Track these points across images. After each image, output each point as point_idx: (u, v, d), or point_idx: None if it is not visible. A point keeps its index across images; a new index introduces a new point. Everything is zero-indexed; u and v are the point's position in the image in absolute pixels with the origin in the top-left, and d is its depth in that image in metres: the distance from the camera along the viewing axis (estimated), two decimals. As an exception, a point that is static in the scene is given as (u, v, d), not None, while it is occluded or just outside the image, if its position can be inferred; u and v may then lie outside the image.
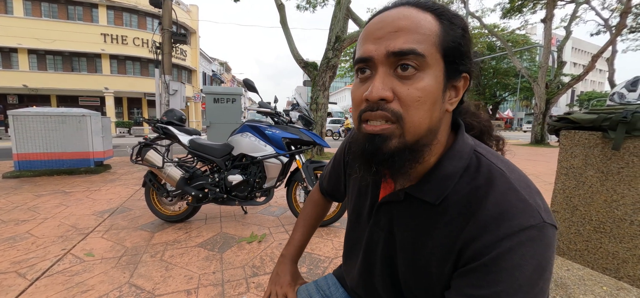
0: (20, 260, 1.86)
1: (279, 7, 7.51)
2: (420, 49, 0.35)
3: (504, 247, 0.33)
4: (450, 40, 0.37)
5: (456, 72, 0.39)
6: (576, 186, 1.13)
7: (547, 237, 0.33)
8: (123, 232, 2.32)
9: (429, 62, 0.36)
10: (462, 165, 0.40)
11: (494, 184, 0.37)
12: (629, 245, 0.99)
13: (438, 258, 0.40)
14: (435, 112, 0.38)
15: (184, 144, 2.34)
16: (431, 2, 0.39)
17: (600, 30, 13.34)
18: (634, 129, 0.97)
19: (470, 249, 0.35)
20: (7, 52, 18.46)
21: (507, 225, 0.33)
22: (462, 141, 0.42)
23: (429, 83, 0.36)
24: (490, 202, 0.36)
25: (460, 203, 0.38)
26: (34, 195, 3.41)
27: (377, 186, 0.51)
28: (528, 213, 0.34)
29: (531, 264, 0.32)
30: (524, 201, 0.35)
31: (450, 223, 0.38)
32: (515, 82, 28.65)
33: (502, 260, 0.33)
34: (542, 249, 0.33)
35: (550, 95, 11.43)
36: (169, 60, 5.71)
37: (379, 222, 0.49)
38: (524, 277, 0.32)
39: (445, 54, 0.37)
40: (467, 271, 0.35)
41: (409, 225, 0.44)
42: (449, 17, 0.38)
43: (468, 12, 12.26)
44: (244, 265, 1.81)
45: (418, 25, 0.36)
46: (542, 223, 0.34)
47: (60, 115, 4.49)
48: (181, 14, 21.84)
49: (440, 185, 0.40)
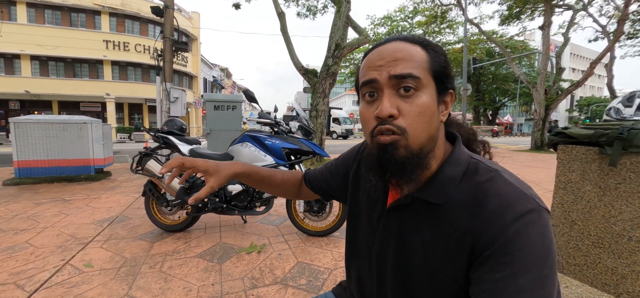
0: (18, 271, 1.86)
1: (280, 16, 7.58)
2: (416, 72, 0.43)
3: (512, 230, 0.37)
4: (437, 64, 0.46)
5: (444, 89, 0.47)
6: (574, 201, 1.13)
7: (545, 219, 0.39)
8: (122, 242, 2.32)
9: (424, 83, 0.44)
10: (461, 170, 0.46)
11: (493, 182, 0.42)
12: (627, 260, 0.99)
13: (449, 254, 0.43)
14: (433, 123, 0.45)
15: (184, 154, 2.35)
16: (417, 37, 0.47)
17: (598, 36, 13.43)
18: (631, 145, 0.98)
19: (482, 240, 0.39)
20: (10, 58, 18.61)
21: (510, 212, 0.38)
22: (459, 150, 0.48)
23: (426, 100, 0.44)
24: (491, 197, 0.41)
25: (464, 201, 0.43)
26: (34, 203, 3.41)
27: (386, 194, 0.54)
28: (526, 200, 0.39)
29: (538, 242, 0.37)
30: (521, 192, 0.40)
31: (456, 220, 0.43)
32: (515, 87, 28.77)
33: (513, 243, 0.37)
34: (543, 228, 0.38)
35: (550, 101, 11.46)
36: (170, 68, 5.75)
37: (389, 227, 0.52)
38: (534, 254, 0.36)
39: (435, 75, 0.45)
40: (483, 260, 0.39)
41: (418, 227, 0.48)
42: (432, 47, 0.47)
43: (467, 19, 12.37)
44: (243, 277, 1.81)
45: (411, 55, 0.44)
46: (539, 207, 0.39)
47: (61, 123, 4.52)
48: (183, 21, 22.05)
49: (443, 187, 0.45)
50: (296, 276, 1.82)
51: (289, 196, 0.79)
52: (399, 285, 0.51)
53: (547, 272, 0.37)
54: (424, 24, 19.41)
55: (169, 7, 5.76)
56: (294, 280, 1.77)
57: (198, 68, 25.96)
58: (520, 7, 12.10)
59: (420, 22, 20.85)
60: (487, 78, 30.48)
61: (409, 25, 22.57)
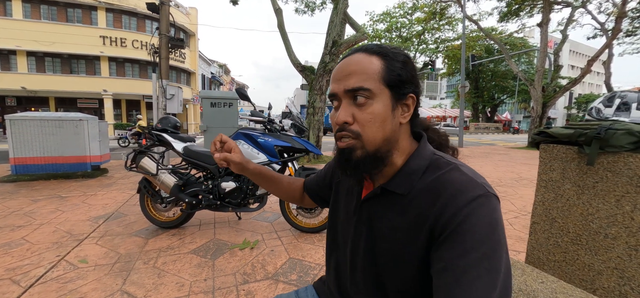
0: (14, 267, 1.88)
1: (277, 12, 7.55)
2: (366, 85, 0.48)
3: (464, 214, 0.42)
4: (392, 73, 0.50)
5: (401, 95, 0.51)
6: (555, 199, 1.16)
7: (492, 202, 0.44)
8: (117, 238, 2.34)
9: (375, 93, 0.49)
10: (425, 164, 0.51)
11: (450, 173, 0.48)
12: (603, 257, 1.02)
13: (411, 237, 0.48)
14: (386, 127, 0.50)
15: (178, 151, 2.37)
16: (376, 47, 0.51)
17: (597, 33, 13.42)
18: (608, 145, 1.00)
19: (439, 224, 0.44)
20: (6, 54, 18.45)
21: (462, 197, 0.44)
22: (424, 147, 0.54)
23: (377, 107, 0.49)
24: (448, 186, 0.46)
25: (425, 191, 0.49)
26: (30, 200, 3.43)
27: (361, 187, 0.60)
28: (476, 187, 0.45)
29: (484, 222, 0.42)
30: (472, 180, 0.46)
31: (419, 207, 0.48)
32: (513, 84, 28.78)
33: (464, 224, 0.42)
34: (490, 211, 0.43)
35: (547, 98, 11.49)
36: (167, 64, 5.74)
37: (362, 217, 0.57)
38: (481, 233, 0.41)
39: (389, 84, 0.49)
40: (440, 242, 0.44)
41: (386, 214, 0.53)
42: (390, 55, 0.51)
43: (465, 15, 12.34)
44: (235, 272, 1.84)
45: (364, 68, 0.49)
46: (487, 192, 0.44)
47: (58, 120, 4.52)
48: (180, 17, 21.90)
49: (407, 179, 0.51)
50: (287, 271, 1.85)
51: (295, 201, 0.84)
52: (369, 269, 0.56)
53: (493, 248, 0.41)
54: (423, 20, 19.34)
55: (165, 3, 5.73)
56: (284, 276, 1.80)
57: (196, 64, 25.83)
58: (519, 4, 12.08)
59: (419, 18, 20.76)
60: (486, 75, 30.48)
61: (408, 21, 22.48)
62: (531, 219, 1.26)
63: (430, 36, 23.65)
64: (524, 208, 3.23)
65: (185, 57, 23.28)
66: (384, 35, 23.95)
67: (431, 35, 23.51)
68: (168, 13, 5.66)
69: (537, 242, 1.22)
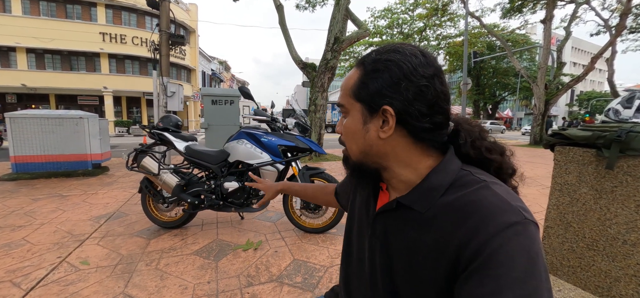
0: (15, 269, 1.86)
1: (278, 8, 7.47)
2: (341, 100, 0.52)
3: (496, 243, 0.36)
4: (361, 86, 0.48)
5: (373, 108, 0.47)
6: (570, 203, 1.12)
7: (531, 232, 0.38)
8: (119, 239, 2.32)
9: (347, 108, 0.51)
10: (449, 180, 0.45)
11: (479, 192, 0.42)
12: (621, 264, 0.99)
13: (431, 262, 0.43)
14: (358, 141, 0.50)
15: (180, 151, 2.33)
16: (366, 56, 0.50)
17: (600, 30, 13.30)
18: (628, 148, 0.96)
19: (467, 252, 0.38)
20: (6, 51, 18.37)
21: (494, 224, 0.37)
22: (448, 160, 0.48)
23: (348, 122, 0.51)
24: (477, 208, 0.40)
25: (448, 211, 0.43)
26: (31, 199, 3.40)
27: (376, 198, 0.56)
28: (511, 212, 0.38)
29: (523, 256, 0.36)
30: (507, 203, 0.40)
31: (441, 228, 0.43)
32: (515, 81, 28.60)
33: (497, 256, 0.36)
34: (529, 242, 0.37)
35: (549, 96, 11.41)
36: (167, 61, 5.69)
37: (376, 231, 0.53)
38: (519, 269, 0.35)
39: (358, 98, 0.48)
40: (469, 274, 0.38)
41: (402, 231, 0.48)
42: (367, 64, 0.48)
43: (468, 12, 12.22)
44: (238, 274, 1.81)
45: (345, 84, 0.51)
46: (525, 220, 0.38)
47: (58, 117, 4.48)
48: (180, 13, 21.76)
49: (427, 195, 0.46)
50: (292, 274, 1.83)
51: (324, 204, 0.92)
52: (388, 288, 0.52)
53: (534, 288, 0.35)
54: (425, 16, 19.20)
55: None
56: (289, 278, 1.78)
57: (196, 61, 25.71)
58: (522, 0, 11.96)
59: (420, 14, 20.60)
60: (488, 72, 30.28)
61: (410, 17, 22.33)
62: (544, 223, 1.23)
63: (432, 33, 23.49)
64: (529, 208, 3.19)
65: (186, 53, 23.17)
66: (385, 31, 23.79)
67: (433, 32, 23.34)
68: (168, 10, 5.60)
69: (551, 247, 1.19)
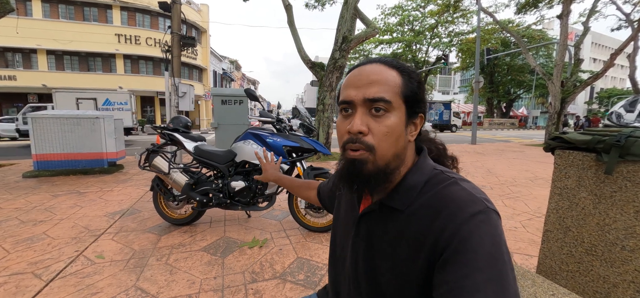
0: (36, 261, 1.99)
1: (287, 8, 7.53)
2: (387, 96, 0.47)
3: (465, 231, 0.41)
4: (409, 90, 0.49)
5: (414, 113, 0.51)
6: (569, 207, 1.12)
7: (493, 219, 0.42)
8: (132, 235, 2.43)
9: (394, 106, 0.48)
10: (424, 179, 0.50)
11: (449, 188, 0.47)
12: (619, 269, 0.98)
13: (413, 258, 0.47)
14: (399, 143, 0.49)
15: (189, 151, 2.42)
16: (395, 61, 0.51)
17: (622, 25, 12.72)
18: (628, 153, 0.95)
19: (440, 243, 0.43)
20: (28, 53, 19.24)
21: (461, 214, 0.42)
22: (423, 161, 0.53)
23: (394, 121, 0.48)
24: (447, 201, 0.45)
25: (425, 206, 0.47)
26: (51, 195, 3.59)
27: (359, 201, 0.59)
28: (476, 203, 0.43)
29: (487, 241, 0.40)
30: (472, 195, 0.45)
31: (419, 222, 0.47)
32: (531, 79, 27.73)
33: (466, 243, 0.40)
34: (492, 229, 0.41)
35: (566, 94, 11.00)
36: (178, 62, 5.84)
37: (360, 232, 0.56)
38: (485, 253, 0.39)
39: (406, 100, 0.49)
40: (443, 262, 0.42)
41: (384, 231, 0.52)
42: (408, 72, 0.50)
43: (480, 7, 11.93)
44: (244, 271, 1.87)
45: (386, 79, 0.48)
46: (487, 208, 0.43)
47: (75, 117, 4.69)
48: (192, 14, 22.17)
49: (406, 194, 0.50)
50: (295, 271, 1.88)
51: (309, 200, 0.93)
52: (372, 289, 0.54)
53: (500, 270, 0.39)
54: (436, 13, 18.84)
55: (177, 2, 5.81)
56: (292, 275, 1.83)
57: (208, 61, 26.16)
58: (538, -5, 11.57)
59: (432, 11, 20.22)
60: (502, 69, 29.47)
61: (421, 14, 21.97)
62: (544, 227, 1.23)
63: (444, 29, 23.02)
64: (539, 209, 3.13)
65: (197, 53, 23.61)
66: (395, 29, 23.47)
67: (445, 29, 22.88)
68: (180, 12, 5.74)
69: (550, 251, 1.18)
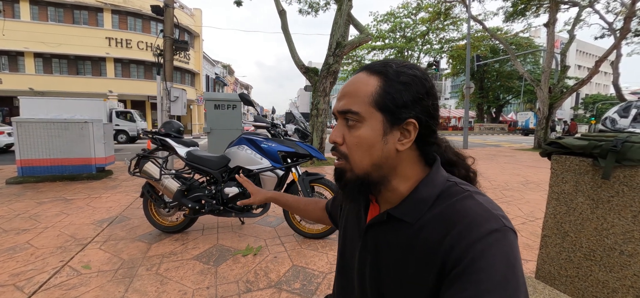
0: (18, 272, 1.89)
1: (280, 14, 7.54)
2: (354, 108, 0.47)
3: (477, 249, 0.39)
4: (385, 96, 0.46)
5: (397, 120, 0.47)
6: (567, 212, 1.12)
7: (510, 239, 0.40)
8: (121, 243, 2.34)
9: (364, 117, 0.47)
10: (436, 192, 0.47)
11: (463, 202, 0.44)
12: (618, 274, 0.98)
13: (420, 273, 0.45)
14: (374, 153, 0.47)
15: (181, 156, 2.36)
16: (379, 66, 0.49)
17: (605, 33, 13.18)
18: (624, 158, 0.96)
19: (451, 258, 0.40)
20: (14, 56, 18.75)
21: (476, 231, 0.40)
22: (436, 172, 0.50)
23: (364, 132, 0.47)
24: (461, 216, 0.42)
25: (436, 220, 0.45)
26: (36, 202, 3.45)
27: (366, 211, 0.56)
28: (492, 220, 0.41)
29: (502, 262, 0.38)
30: (488, 212, 0.42)
31: (429, 236, 0.44)
32: (519, 85, 28.44)
33: (478, 261, 0.38)
34: (507, 248, 0.39)
35: (554, 99, 11.32)
36: (171, 67, 5.76)
37: (367, 244, 0.54)
38: (499, 274, 0.37)
39: (381, 108, 0.46)
40: (452, 279, 0.40)
41: (392, 244, 0.49)
42: (390, 75, 0.47)
43: (470, 15, 12.21)
44: (238, 280, 1.82)
45: (357, 90, 0.48)
46: (504, 227, 0.41)
47: (63, 122, 4.55)
48: (185, 18, 22.02)
49: (416, 207, 0.47)
50: (290, 280, 1.83)
51: (315, 220, 0.88)
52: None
53: (513, 292, 0.37)
54: (427, 20, 19.19)
55: (169, 6, 5.75)
56: (288, 284, 1.78)
57: (200, 65, 25.96)
58: (525, 4, 11.91)
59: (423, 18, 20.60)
60: (491, 75, 30.18)
61: (412, 21, 22.36)
62: (542, 232, 1.23)
63: (435, 36, 23.45)
64: (532, 214, 3.17)
65: (190, 58, 23.42)
66: (387, 35, 23.81)
67: (435, 36, 23.32)
68: (172, 16, 5.68)
69: (548, 256, 1.18)
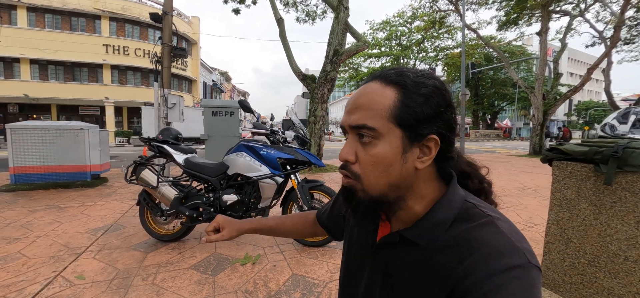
0: (9, 284, 1.83)
1: (278, 22, 7.60)
2: (370, 123, 0.42)
3: (494, 283, 0.35)
4: (408, 110, 0.41)
5: (418, 136, 0.42)
6: (570, 218, 1.12)
7: (532, 277, 0.36)
8: (116, 253, 2.29)
9: (381, 132, 0.42)
10: (453, 214, 0.43)
11: (485, 229, 0.40)
12: (624, 281, 0.98)
13: (434, 294, 0.41)
14: (392, 173, 0.43)
15: (179, 163, 2.33)
16: (397, 74, 0.43)
17: (596, 42, 13.48)
18: (626, 164, 0.96)
19: (463, 285, 0.37)
20: (10, 62, 18.61)
21: (496, 263, 0.36)
22: (453, 192, 0.45)
23: (382, 149, 0.42)
24: (481, 245, 0.38)
25: (453, 246, 0.41)
26: (28, 210, 3.38)
27: (376, 228, 0.53)
28: (515, 254, 0.37)
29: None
30: (511, 243, 0.38)
31: (443, 265, 0.41)
32: (513, 91, 28.87)
33: (493, 296, 0.34)
34: (527, 288, 0.35)
35: (548, 106, 11.49)
36: (168, 74, 5.75)
37: (376, 263, 0.50)
38: None
39: (400, 123, 0.42)
40: None
41: (404, 266, 0.46)
42: (409, 86, 0.42)
43: (465, 24, 12.43)
44: (236, 290, 1.78)
45: (372, 102, 0.42)
46: (528, 263, 0.36)
47: (58, 128, 4.50)
48: (183, 26, 22.12)
49: (431, 230, 0.43)
50: (290, 289, 1.80)
51: (307, 237, 0.82)
52: None
53: None
54: (423, 29, 19.49)
55: (168, 13, 5.77)
56: (287, 294, 1.75)
57: (198, 72, 25.99)
58: (518, 13, 12.17)
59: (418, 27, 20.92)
60: (486, 82, 30.62)
61: (408, 30, 22.69)
62: (545, 238, 1.22)
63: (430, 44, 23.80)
64: (530, 220, 3.17)
65: (187, 65, 23.45)
66: (384, 43, 24.12)
67: (431, 44, 23.66)
68: (171, 23, 5.70)
69: (552, 263, 1.17)
